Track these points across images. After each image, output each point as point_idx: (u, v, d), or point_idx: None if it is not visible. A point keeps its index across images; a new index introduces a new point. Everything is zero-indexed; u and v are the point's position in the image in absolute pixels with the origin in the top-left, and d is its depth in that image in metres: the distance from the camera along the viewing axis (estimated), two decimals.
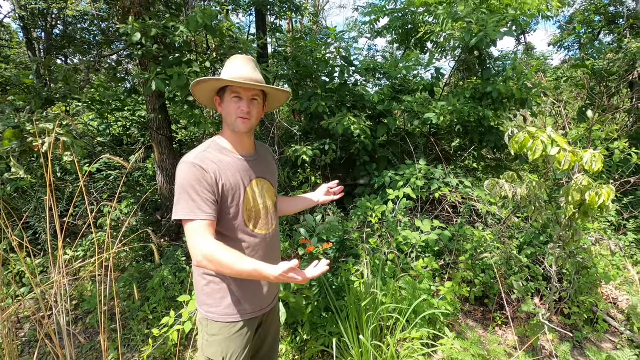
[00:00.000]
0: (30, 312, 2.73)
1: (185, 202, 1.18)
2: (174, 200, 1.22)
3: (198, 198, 1.18)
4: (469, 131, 4.13)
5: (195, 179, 1.18)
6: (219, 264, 1.13)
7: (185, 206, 1.18)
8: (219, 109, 1.34)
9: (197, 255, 1.15)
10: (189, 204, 1.18)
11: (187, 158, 1.23)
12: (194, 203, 1.18)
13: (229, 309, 1.32)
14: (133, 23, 3.08)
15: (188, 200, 1.18)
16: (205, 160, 1.23)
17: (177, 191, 1.20)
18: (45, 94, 3.25)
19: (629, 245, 3.43)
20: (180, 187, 1.19)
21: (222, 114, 1.33)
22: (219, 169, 1.25)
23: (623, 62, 4.98)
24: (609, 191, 1.57)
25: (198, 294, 1.37)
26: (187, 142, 6.00)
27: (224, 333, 1.32)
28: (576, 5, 9.34)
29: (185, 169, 1.20)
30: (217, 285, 1.32)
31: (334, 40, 4.77)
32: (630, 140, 4.46)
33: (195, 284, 1.38)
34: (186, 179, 1.19)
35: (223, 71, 1.31)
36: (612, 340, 2.58)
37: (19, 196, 3.65)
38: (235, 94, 1.27)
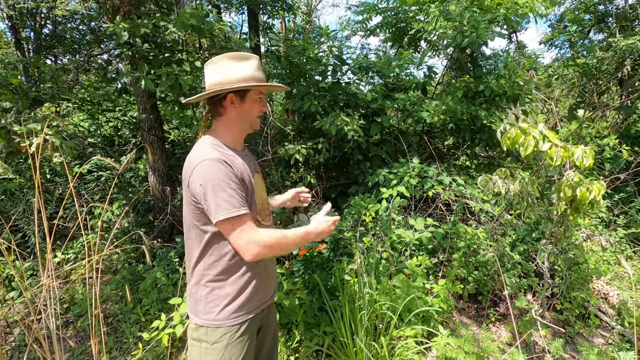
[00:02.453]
0: (20, 316, 2.68)
1: (226, 200, 1.13)
2: (205, 199, 1.14)
3: (235, 193, 1.15)
4: (461, 129, 4.15)
5: (227, 175, 1.15)
6: (278, 245, 1.17)
7: (227, 203, 1.13)
8: (230, 109, 1.29)
9: (253, 248, 1.15)
10: (230, 200, 1.13)
11: (205, 155, 1.18)
12: (234, 199, 1.14)
13: (233, 312, 1.28)
14: (120, 22, 3.04)
15: (228, 198, 1.13)
16: (225, 156, 1.20)
17: (210, 189, 1.13)
18: (33, 94, 3.20)
19: (619, 241, 3.47)
20: (214, 185, 1.13)
21: (234, 113, 1.29)
22: (234, 163, 1.22)
23: (612, 60, 5.04)
24: (600, 187, 1.59)
25: (196, 303, 1.30)
26: (180, 142, 5.95)
27: (226, 338, 1.27)
28: (567, 4, 9.43)
29: (212, 165, 1.15)
30: (222, 291, 1.27)
31: (326, 39, 4.76)
32: (620, 137, 4.51)
33: (194, 294, 1.31)
34: (218, 176, 1.14)
35: (234, 70, 1.26)
36: (603, 335, 2.61)
37: (7, 198, 3.59)
38: (259, 95, 1.31)
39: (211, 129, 1.34)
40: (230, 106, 1.29)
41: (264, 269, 1.37)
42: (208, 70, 1.30)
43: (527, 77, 4.29)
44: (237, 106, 1.29)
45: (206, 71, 1.30)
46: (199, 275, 1.28)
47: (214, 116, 1.32)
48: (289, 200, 1.71)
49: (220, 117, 1.31)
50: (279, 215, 3.54)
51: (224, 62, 1.27)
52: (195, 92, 3.91)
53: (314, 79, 4.53)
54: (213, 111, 1.31)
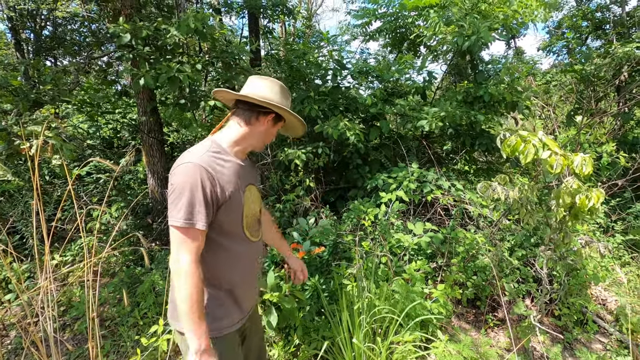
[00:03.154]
0: (16, 319, 2.66)
1: (185, 207, 1.09)
2: (170, 200, 1.12)
3: (198, 204, 1.11)
4: (460, 134, 4.17)
5: (200, 183, 1.11)
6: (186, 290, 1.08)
7: (184, 211, 1.09)
8: (261, 124, 1.31)
9: (181, 266, 1.08)
10: (187, 208, 1.10)
11: (191, 158, 1.15)
12: (193, 208, 1.10)
13: (224, 321, 1.25)
14: (123, 24, 3.05)
15: (187, 205, 1.10)
16: (211, 164, 1.17)
17: (177, 192, 1.11)
18: (33, 95, 3.20)
19: (617, 247, 3.48)
20: (181, 189, 1.10)
21: (260, 129, 1.32)
22: (223, 174, 1.19)
23: (610, 67, 5.08)
24: (599, 194, 1.60)
25: (175, 308, 1.22)
26: (179, 144, 5.95)
27: (216, 349, 1.21)
28: (564, 11, 9.52)
29: (189, 169, 1.12)
30: (218, 301, 1.24)
31: (326, 44, 4.78)
32: (618, 144, 4.54)
33: (174, 299, 1.24)
34: (189, 181, 1.11)
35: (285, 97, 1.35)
36: (601, 341, 2.61)
37: (6, 200, 3.58)
38: (280, 128, 1.40)
39: (225, 131, 1.32)
40: (263, 123, 1.31)
41: (242, 279, 1.31)
42: (262, 84, 1.32)
43: (526, 83, 4.32)
44: (267, 126, 1.32)
45: (258, 82, 1.33)
46: None
47: (239, 122, 1.30)
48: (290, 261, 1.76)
49: (246, 126, 1.30)
50: (279, 218, 3.54)
51: (278, 87, 1.33)
52: (195, 91, 3.91)
53: (314, 83, 4.55)
54: (242, 117, 1.30)
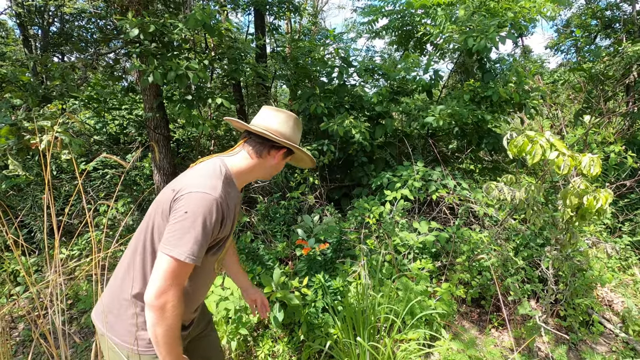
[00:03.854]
0: (25, 311, 2.71)
1: (192, 242, 1.03)
2: (177, 227, 1.04)
3: (203, 240, 1.05)
4: (466, 133, 4.15)
5: (213, 220, 1.06)
6: (170, 321, 1.03)
7: (191, 246, 1.03)
8: (272, 157, 1.30)
9: (168, 296, 1.02)
10: (195, 245, 1.03)
11: (205, 187, 1.08)
12: (199, 245, 1.04)
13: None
14: (131, 18, 3.06)
15: (195, 240, 1.03)
16: (226, 199, 1.12)
17: (188, 222, 1.03)
18: (42, 91, 3.23)
19: (624, 248, 3.45)
20: (193, 221, 1.04)
21: (271, 163, 1.30)
22: (230, 211, 1.15)
23: (619, 66, 5.02)
24: (607, 195, 1.59)
25: (123, 323, 1.16)
26: (185, 141, 5.98)
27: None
28: (573, 9, 9.41)
29: (207, 202, 1.06)
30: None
31: (332, 41, 4.77)
32: (627, 144, 4.50)
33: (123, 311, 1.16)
34: (205, 215, 1.05)
35: (297, 132, 1.36)
36: (607, 343, 2.60)
37: (15, 194, 3.62)
38: (288, 162, 1.41)
39: (232, 156, 1.28)
40: (274, 157, 1.30)
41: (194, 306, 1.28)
42: (276, 117, 1.30)
43: (534, 82, 4.28)
44: (277, 160, 1.31)
45: (272, 115, 1.31)
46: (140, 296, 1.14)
47: (250, 153, 1.27)
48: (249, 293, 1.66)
49: (256, 158, 1.27)
50: (283, 216, 3.55)
51: (292, 121, 1.33)
52: (201, 87, 3.93)
53: (320, 81, 4.54)
54: (254, 149, 1.27)
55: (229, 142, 5.92)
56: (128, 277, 1.17)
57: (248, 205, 4.05)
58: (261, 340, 2.33)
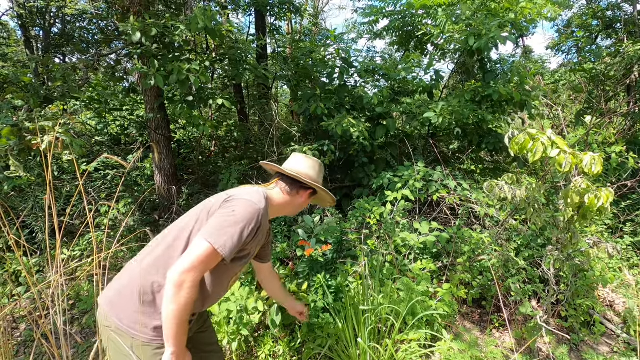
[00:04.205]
0: (27, 311, 2.71)
1: (226, 231, 1.16)
2: (223, 219, 1.19)
3: (238, 240, 1.18)
4: (467, 133, 4.15)
5: (250, 224, 1.20)
6: (180, 311, 1.11)
7: (226, 237, 1.16)
8: (301, 197, 1.50)
9: (186, 280, 1.10)
10: (230, 238, 1.16)
11: (253, 199, 1.26)
12: (231, 242, 1.16)
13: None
14: (133, 22, 3.07)
15: (232, 235, 1.16)
16: (263, 216, 1.27)
17: (227, 217, 1.19)
18: (43, 92, 3.24)
19: (626, 248, 3.45)
20: (233, 217, 1.19)
21: (300, 201, 1.51)
22: (262, 229, 1.30)
23: (620, 66, 5.02)
24: (608, 194, 1.58)
25: (127, 304, 1.21)
26: (186, 141, 5.99)
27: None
28: (574, 9, 9.40)
29: (255, 211, 1.22)
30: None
31: (333, 42, 4.77)
32: (628, 144, 4.49)
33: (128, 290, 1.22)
34: (246, 216, 1.20)
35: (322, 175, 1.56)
36: (608, 343, 2.59)
37: (17, 195, 3.63)
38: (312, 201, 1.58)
39: (273, 193, 1.46)
40: (302, 196, 1.50)
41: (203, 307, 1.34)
42: (305, 162, 1.52)
43: (535, 82, 4.28)
44: (304, 198, 1.51)
45: (302, 160, 1.53)
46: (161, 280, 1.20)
47: (283, 191, 1.47)
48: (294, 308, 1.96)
49: (288, 195, 1.47)
50: (283, 216, 3.55)
51: (318, 166, 1.55)
52: (202, 89, 3.93)
53: (321, 81, 4.55)
54: (286, 187, 1.48)
55: (230, 142, 5.93)
56: (154, 267, 1.23)
57: None
58: (262, 341, 2.33)
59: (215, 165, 5.35)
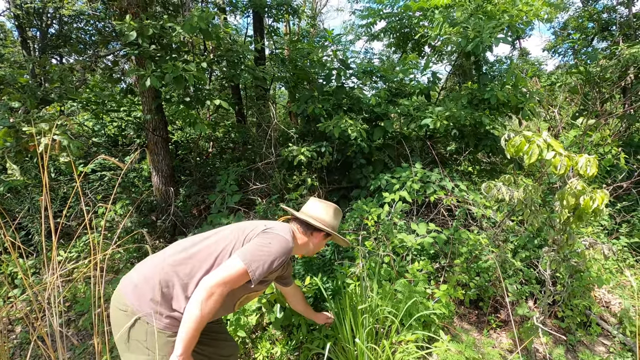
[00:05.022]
0: (23, 313, 2.70)
1: (261, 259, 1.33)
2: (259, 247, 1.36)
3: (267, 269, 1.34)
4: (464, 135, 4.16)
5: (280, 259, 1.38)
6: (207, 310, 1.23)
7: (258, 260, 1.32)
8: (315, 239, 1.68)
9: (214, 292, 1.23)
10: (262, 262, 1.33)
11: (288, 236, 1.45)
12: (262, 269, 1.32)
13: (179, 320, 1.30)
14: (130, 21, 3.06)
15: (264, 263, 1.33)
16: (289, 255, 1.46)
17: (265, 246, 1.37)
18: (40, 93, 3.23)
19: (621, 250, 3.47)
20: (270, 247, 1.37)
21: (315, 242, 1.68)
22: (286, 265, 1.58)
23: (616, 68, 5.05)
24: (603, 196, 1.59)
25: (150, 290, 1.31)
26: (183, 143, 5.98)
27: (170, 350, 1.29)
28: (570, 12, 9.46)
29: (286, 245, 1.42)
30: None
31: (331, 43, 4.78)
32: (623, 146, 4.52)
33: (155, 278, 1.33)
34: (280, 251, 1.39)
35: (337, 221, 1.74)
36: (604, 344, 2.61)
37: (12, 196, 3.61)
38: (328, 240, 1.72)
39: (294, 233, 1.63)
40: (317, 237, 1.67)
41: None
42: (320, 207, 1.71)
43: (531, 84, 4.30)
44: (318, 240, 1.67)
45: (317, 205, 1.72)
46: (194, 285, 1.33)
47: (299, 229, 1.67)
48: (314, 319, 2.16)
49: (304, 235, 1.66)
50: None
51: (332, 210, 1.72)
52: (200, 89, 3.93)
53: (318, 83, 4.56)
54: (303, 228, 1.67)
55: (228, 144, 5.92)
56: (181, 266, 1.35)
57: (246, 207, 4.05)
58: (259, 343, 2.33)
59: (212, 166, 5.34)
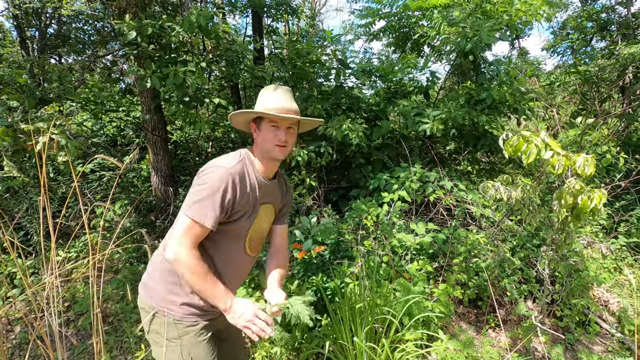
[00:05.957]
0: (22, 313, 2.69)
1: (202, 203, 1.17)
2: (193, 191, 1.20)
3: (215, 206, 1.17)
4: (463, 135, 4.17)
5: (224, 188, 1.18)
6: (193, 276, 1.16)
7: (200, 206, 1.17)
8: (254, 135, 1.35)
9: (178, 252, 1.15)
10: (204, 206, 1.17)
11: (223, 163, 1.24)
12: (208, 208, 1.17)
13: (195, 307, 1.28)
14: (129, 21, 3.06)
15: (206, 203, 1.17)
16: (238, 174, 1.23)
17: (200, 188, 1.19)
18: (39, 93, 3.22)
19: (620, 249, 3.47)
20: (205, 187, 1.18)
21: (256, 139, 1.34)
22: (245, 187, 1.26)
23: (614, 68, 5.07)
24: (601, 195, 1.60)
25: (156, 285, 1.31)
26: (182, 143, 5.97)
27: (190, 339, 1.28)
28: (569, 11, 9.48)
29: (220, 173, 1.20)
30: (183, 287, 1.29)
31: (330, 43, 4.78)
32: (622, 145, 4.52)
33: (156, 273, 1.33)
34: (216, 183, 1.18)
35: (260, 100, 1.33)
36: (603, 343, 2.61)
37: (11, 196, 3.61)
38: (273, 124, 1.29)
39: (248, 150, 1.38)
40: (255, 132, 1.36)
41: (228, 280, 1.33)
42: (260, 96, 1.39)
43: (529, 84, 4.31)
44: (256, 133, 1.34)
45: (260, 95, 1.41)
46: None
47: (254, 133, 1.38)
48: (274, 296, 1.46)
49: (253, 141, 1.38)
50: None
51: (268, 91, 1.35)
52: (199, 89, 3.93)
53: (317, 82, 4.56)
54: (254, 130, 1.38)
55: (227, 144, 5.91)
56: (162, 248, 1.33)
57: None
58: (258, 342, 2.33)
59: None
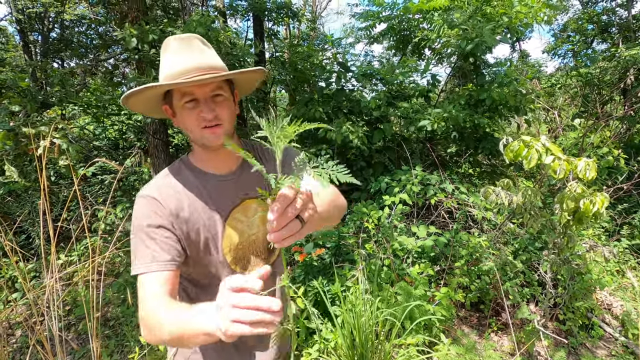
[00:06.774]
0: (22, 317, 2.69)
1: (141, 252, 0.88)
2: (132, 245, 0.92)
3: (152, 243, 0.88)
4: (464, 137, 4.16)
5: (147, 217, 0.89)
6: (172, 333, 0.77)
7: (141, 256, 0.88)
8: (174, 122, 0.95)
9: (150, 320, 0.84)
10: (144, 253, 0.88)
11: (141, 190, 0.95)
12: (148, 250, 0.88)
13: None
14: (130, 29, 3.08)
15: (143, 248, 0.88)
16: (161, 188, 0.93)
17: (131, 235, 0.92)
18: (41, 97, 3.24)
19: (623, 252, 3.45)
20: (133, 231, 0.91)
21: (181, 128, 0.93)
22: (182, 197, 0.93)
23: (615, 70, 5.06)
24: (603, 199, 1.59)
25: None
26: (184, 146, 5.99)
27: None
28: (570, 14, 9.50)
29: (137, 205, 0.92)
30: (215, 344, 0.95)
31: (330, 47, 4.80)
32: (624, 147, 4.51)
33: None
34: (138, 218, 0.90)
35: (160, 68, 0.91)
36: (606, 347, 2.59)
37: (13, 200, 3.62)
38: (186, 98, 0.86)
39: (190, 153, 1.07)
40: (174, 120, 0.94)
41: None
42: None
43: (530, 85, 4.30)
44: (176, 119, 0.93)
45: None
46: None
47: None
48: None
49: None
50: None
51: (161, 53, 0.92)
52: None
53: (318, 86, 4.57)
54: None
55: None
56: None
57: None
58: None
59: None
